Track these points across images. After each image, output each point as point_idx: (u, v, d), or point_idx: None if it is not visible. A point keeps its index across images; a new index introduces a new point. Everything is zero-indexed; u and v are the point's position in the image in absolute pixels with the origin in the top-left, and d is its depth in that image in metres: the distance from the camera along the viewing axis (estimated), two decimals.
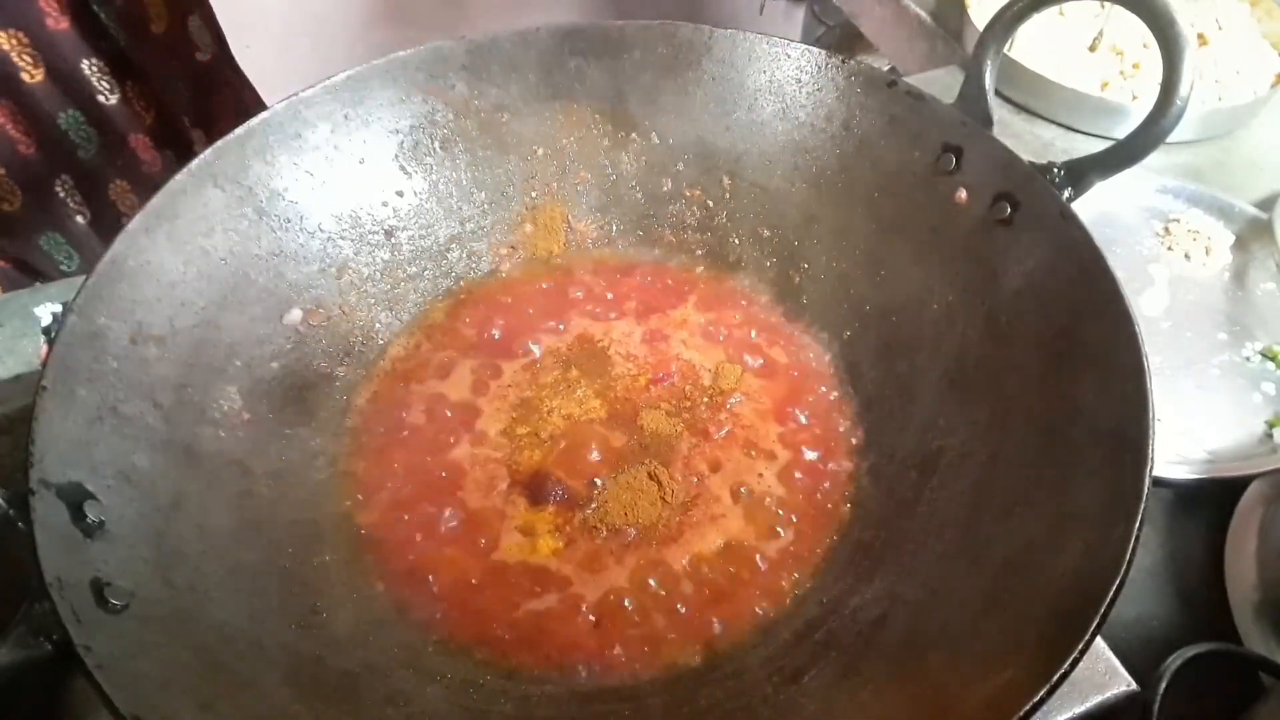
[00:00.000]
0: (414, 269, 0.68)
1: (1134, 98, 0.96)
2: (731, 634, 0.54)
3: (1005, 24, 0.61)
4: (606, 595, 0.55)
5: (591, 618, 0.54)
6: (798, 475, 0.60)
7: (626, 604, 0.54)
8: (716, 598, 0.55)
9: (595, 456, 0.60)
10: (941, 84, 1.01)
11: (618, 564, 0.56)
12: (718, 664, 0.53)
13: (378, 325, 0.67)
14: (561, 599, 0.55)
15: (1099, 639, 0.44)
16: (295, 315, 0.62)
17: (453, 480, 0.60)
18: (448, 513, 0.58)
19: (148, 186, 0.88)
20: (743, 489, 0.60)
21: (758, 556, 0.57)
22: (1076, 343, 0.52)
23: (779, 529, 0.58)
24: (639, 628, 0.54)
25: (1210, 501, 0.67)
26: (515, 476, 0.60)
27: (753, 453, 0.61)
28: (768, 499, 0.59)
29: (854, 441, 0.62)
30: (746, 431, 0.62)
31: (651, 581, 0.55)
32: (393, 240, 0.67)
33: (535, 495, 0.59)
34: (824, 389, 0.65)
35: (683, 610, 0.54)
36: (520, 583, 0.55)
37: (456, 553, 0.57)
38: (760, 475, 0.60)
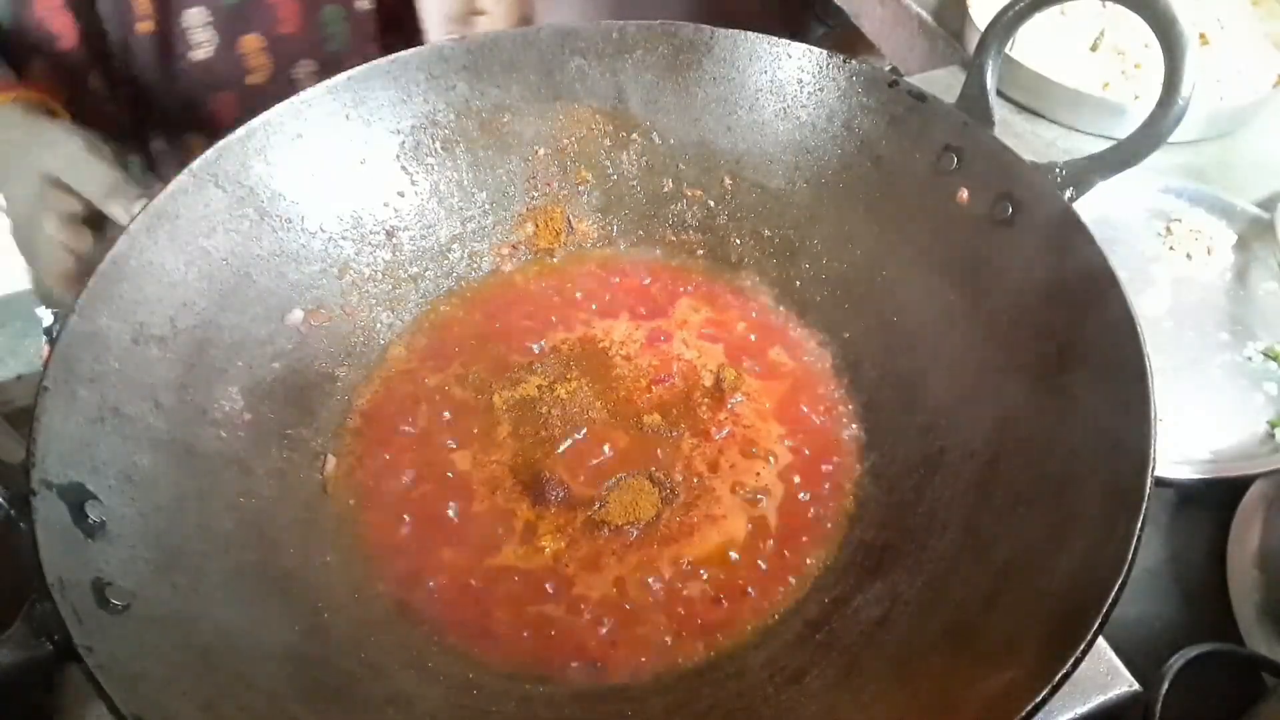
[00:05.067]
0: (415, 269, 0.68)
1: (1135, 97, 0.95)
2: (733, 634, 0.54)
3: (1006, 24, 0.61)
4: (608, 595, 0.55)
5: (593, 618, 0.54)
6: (798, 476, 0.60)
7: (627, 605, 0.54)
8: (718, 598, 0.55)
9: (596, 457, 0.60)
10: (942, 84, 1.00)
11: (619, 564, 0.56)
12: (719, 664, 0.53)
13: (379, 325, 0.67)
14: (563, 599, 0.55)
15: (1100, 639, 0.44)
16: (297, 315, 0.62)
17: (454, 481, 0.60)
18: (449, 513, 0.58)
19: None
20: (744, 489, 0.59)
21: (759, 557, 0.57)
22: (1078, 342, 0.52)
23: (780, 529, 0.58)
24: (640, 628, 0.54)
25: (1212, 501, 0.67)
26: (517, 477, 0.60)
27: (754, 453, 0.61)
28: (768, 499, 0.59)
29: (855, 442, 0.62)
30: (747, 432, 0.62)
31: (652, 582, 0.55)
32: (394, 240, 0.67)
33: (537, 496, 0.59)
34: (825, 389, 0.65)
35: (684, 610, 0.54)
36: (521, 583, 0.55)
37: (457, 553, 0.56)
38: (760, 475, 0.60)
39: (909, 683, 0.47)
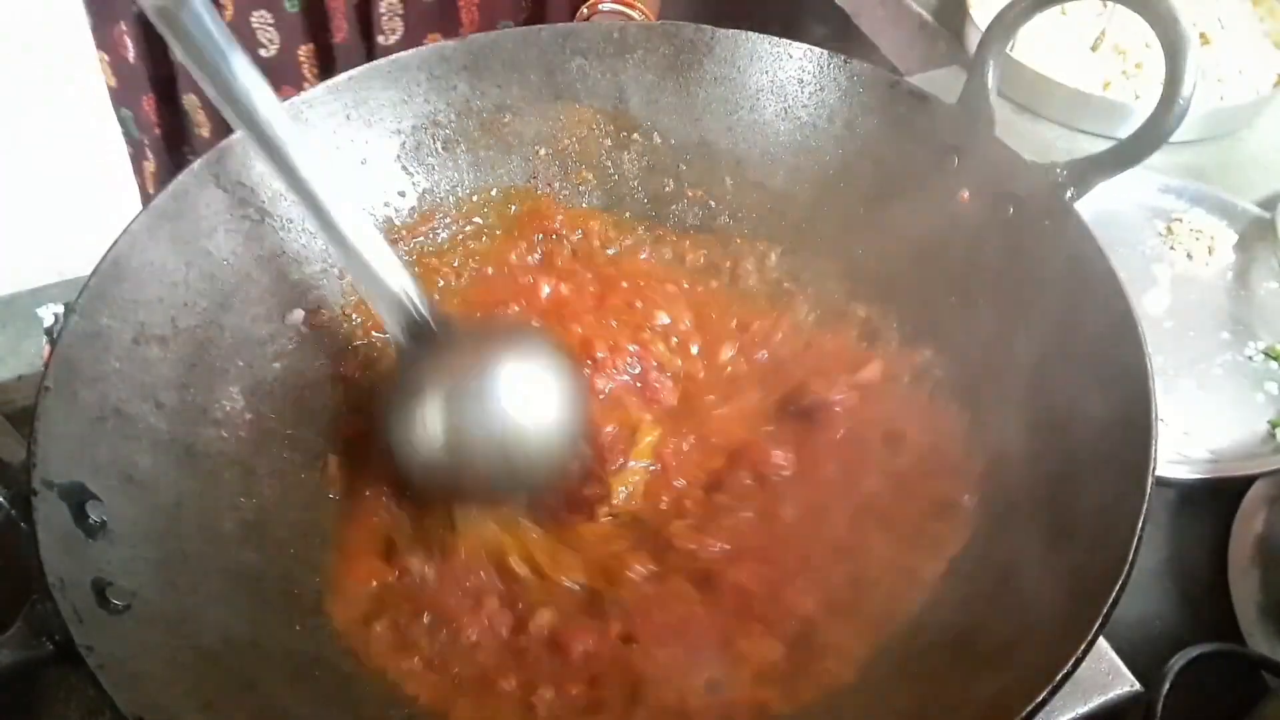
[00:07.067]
0: (416, 269, 0.68)
1: (1136, 97, 0.96)
2: None
3: (1007, 24, 0.60)
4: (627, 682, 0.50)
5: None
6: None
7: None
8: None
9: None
10: (943, 84, 1.00)
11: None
12: None
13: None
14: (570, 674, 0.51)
15: (1101, 638, 0.44)
16: (298, 316, 0.62)
17: None
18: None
19: None
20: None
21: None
22: (1079, 343, 0.52)
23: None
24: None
25: (1213, 501, 0.67)
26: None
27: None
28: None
29: None
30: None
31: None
32: (394, 240, 0.67)
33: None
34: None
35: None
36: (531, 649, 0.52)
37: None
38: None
39: (909, 683, 0.47)
